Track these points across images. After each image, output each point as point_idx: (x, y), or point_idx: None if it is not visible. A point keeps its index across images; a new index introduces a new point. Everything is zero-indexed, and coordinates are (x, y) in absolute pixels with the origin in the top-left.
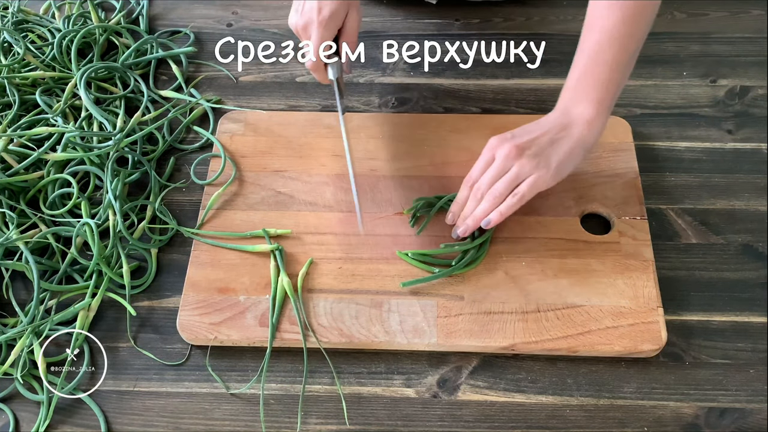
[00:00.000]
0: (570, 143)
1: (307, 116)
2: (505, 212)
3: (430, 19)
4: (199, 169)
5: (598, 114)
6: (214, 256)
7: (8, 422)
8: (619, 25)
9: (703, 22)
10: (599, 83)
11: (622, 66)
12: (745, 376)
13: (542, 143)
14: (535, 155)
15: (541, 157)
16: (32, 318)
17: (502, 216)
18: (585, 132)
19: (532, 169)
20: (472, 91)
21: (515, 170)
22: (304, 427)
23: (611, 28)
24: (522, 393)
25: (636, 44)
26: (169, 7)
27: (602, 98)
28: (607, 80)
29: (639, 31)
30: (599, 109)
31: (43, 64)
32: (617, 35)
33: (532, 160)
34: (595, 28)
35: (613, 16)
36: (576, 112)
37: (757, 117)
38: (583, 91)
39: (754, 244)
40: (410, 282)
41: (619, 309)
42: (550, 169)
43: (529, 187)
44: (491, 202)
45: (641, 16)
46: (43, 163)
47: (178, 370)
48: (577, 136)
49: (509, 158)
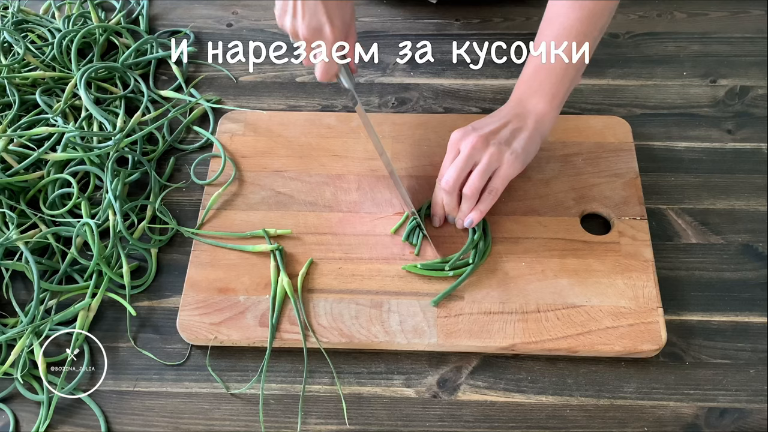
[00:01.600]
0: (528, 132)
1: (307, 116)
2: (485, 210)
3: (430, 19)
4: (199, 169)
5: (550, 108)
6: (214, 256)
7: (8, 422)
8: (577, 24)
9: (703, 22)
10: (554, 77)
11: (577, 64)
12: (745, 376)
13: (504, 132)
14: (499, 143)
15: (506, 145)
16: (32, 318)
17: (482, 214)
18: (540, 124)
19: (499, 157)
20: (472, 91)
21: (485, 160)
22: (304, 427)
23: (569, 26)
24: (522, 393)
25: (593, 43)
26: (169, 7)
27: (555, 93)
28: (562, 76)
29: (595, 31)
30: (552, 103)
31: (43, 64)
32: (575, 32)
33: (498, 149)
34: (554, 24)
35: (572, 14)
36: (530, 105)
37: (757, 117)
38: (538, 85)
39: (754, 244)
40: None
41: (619, 309)
42: (517, 155)
43: (502, 180)
44: (471, 199)
45: (599, 17)
46: (43, 163)
47: (178, 370)
48: (533, 126)
49: (476, 149)
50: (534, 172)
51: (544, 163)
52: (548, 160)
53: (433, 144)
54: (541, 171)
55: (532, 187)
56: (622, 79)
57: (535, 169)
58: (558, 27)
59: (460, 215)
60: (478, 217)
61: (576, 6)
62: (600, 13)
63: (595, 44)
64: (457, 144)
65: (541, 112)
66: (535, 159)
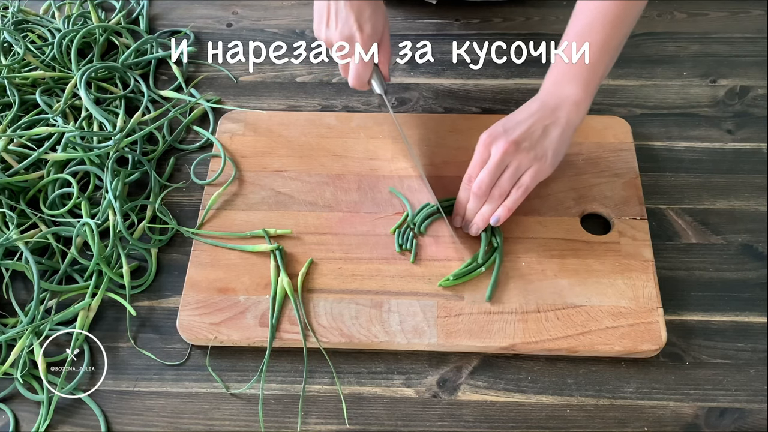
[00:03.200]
0: (560, 128)
1: (307, 116)
2: (512, 207)
3: (430, 19)
4: (199, 169)
5: (586, 95)
6: (214, 256)
7: (8, 422)
8: (613, 8)
9: (703, 22)
10: (590, 65)
11: (612, 50)
12: (745, 376)
13: (535, 133)
14: (531, 147)
15: (537, 148)
16: (32, 318)
17: (510, 211)
18: (573, 114)
19: (530, 161)
20: (472, 91)
21: (515, 165)
22: (304, 427)
23: (605, 10)
24: (522, 393)
25: (627, 29)
26: (169, 7)
27: (590, 79)
28: (597, 62)
29: (631, 16)
30: (587, 90)
31: (43, 64)
32: (610, 17)
33: (529, 153)
34: (588, 9)
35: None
36: (564, 93)
37: (757, 117)
38: (572, 72)
39: (754, 244)
40: (490, 292)
41: (619, 309)
42: (547, 158)
43: (532, 179)
44: (497, 200)
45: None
46: (43, 163)
47: (178, 370)
48: (566, 119)
49: (507, 154)
50: (564, 149)
51: None
52: None
53: (432, 144)
54: None
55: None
56: (622, 79)
57: None
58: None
59: (478, 218)
60: (506, 214)
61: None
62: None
63: (629, 30)
64: (488, 147)
65: (577, 99)
66: None
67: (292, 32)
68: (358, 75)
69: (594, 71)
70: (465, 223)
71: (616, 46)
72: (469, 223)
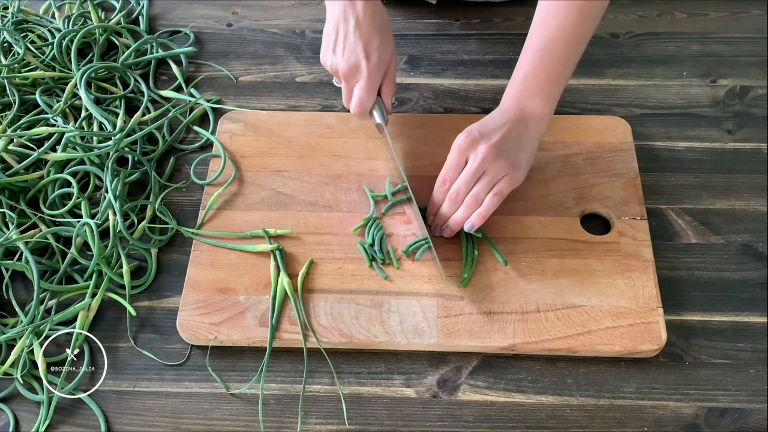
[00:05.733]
0: (530, 139)
1: (307, 116)
2: (487, 214)
3: (430, 19)
4: (199, 169)
5: (550, 109)
6: (214, 256)
7: (8, 422)
8: (575, 25)
9: (703, 22)
10: (553, 79)
11: (572, 63)
12: (745, 376)
13: (511, 141)
14: (509, 156)
15: (513, 158)
16: (32, 318)
17: (484, 218)
18: (540, 128)
19: (506, 169)
20: (472, 91)
21: (492, 172)
22: (304, 427)
23: (567, 26)
24: (522, 393)
25: (586, 42)
26: (169, 7)
27: (554, 94)
28: (559, 76)
29: (590, 30)
30: (551, 104)
31: (43, 64)
32: (572, 34)
33: (507, 161)
34: (551, 25)
35: (570, 15)
36: (531, 107)
37: (757, 117)
38: (537, 87)
39: (754, 244)
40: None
41: (619, 309)
42: (521, 167)
43: (508, 186)
44: (471, 206)
45: (594, 17)
46: (43, 163)
47: (178, 370)
48: (534, 132)
49: (486, 161)
50: (534, 172)
51: (544, 163)
52: (548, 160)
53: (432, 144)
54: (541, 171)
55: (532, 187)
56: (622, 79)
57: (535, 169)
58: (554, 27)
59: (451, 222)
60: (480, 221)
61: (573, 6)
62: (596, 12)
63: (587, 42)
64: (464, 152)
65: (541, 114)
66: (536, 159)
67: (292, 32)
68: (360, 103)
69: (557, 85)
70: (436, 225)
71: (577, 59)
72: (441, 226)
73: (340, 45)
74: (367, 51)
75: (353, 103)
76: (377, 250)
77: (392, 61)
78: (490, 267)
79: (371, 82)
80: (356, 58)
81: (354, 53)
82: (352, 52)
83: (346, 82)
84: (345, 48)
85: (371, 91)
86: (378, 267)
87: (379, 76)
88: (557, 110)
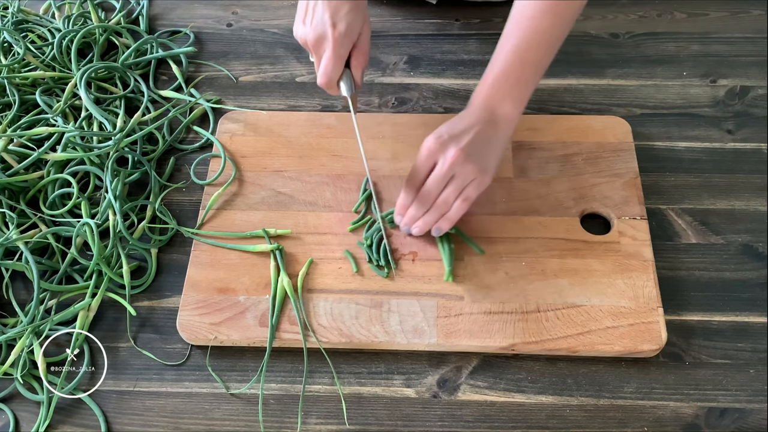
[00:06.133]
0: (498, 141)
1: (307, 116)
2: (455, 219)
3: (430, 19)
4: (199, 169)
5: (518, 112)
6: (214, 256)
7: (8, 422)
8: (550, 29)
9: (703, 22)
10: (523, 82)
11: (543, 66)
12: (745, 376)
13: (479, 144)
14: (478, 160)
15: (482, 161)
16: (32, 318)
17: (452, 223)
18: (508, 130)
19: (475, 173)
20: (472, 91)
21: (462, 176)
22: (304, 427)
23: (542, 30)
24: (522, 393)
25: (558, 46)
26: (169, 7)
27: (524, 97)
28: (530, 80)
29: (564, 34)
30: (520, 108)
31: (43, 64)
32: (547, 37)
33: (476, 165)
34: (525, 27)
35: (545, 18)
36: (501, 110)
37: (757, 117)
38: (508, 89)
39: (754, 244)
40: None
41: (619, 309)
42: (490, 170)
43: (476, 191)
44: (441, 209)
45: (569, 20)
46: (43, 163)
47: (178, 370)
48: (503, 135)
49: (455, 165)
50: (534, 172)
51: (544, 163)
52: (548, 160)
53: None
54: (541, 171)
55: (532, 187)
56: (622, 79)
57: (535, 169)
58: (529, 30)
59: (420, 223)
60: (448, 226)
61: (548, 8)
62: (570, 16)
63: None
64: (434, 155)
65: (511, 117)
66: (536, 159)
67: (292, 32)
68: (326, 72)
69: (527, 89)
70: (405, 224)
71: (548, 63)
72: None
73: (309, 15)
74: (334, 19)
75: (319, 74)
76: (373, 251)
77: (364, 33)
78: (490, 267)
79: (336, 51)
80: (323, 26)
81: (321, 22)
82: (320, 21)
83: (314, 52)
84: (314, 17)
85: (337, 61)
86: (375, 268)
87: (347, 45)
88: (557, 110)
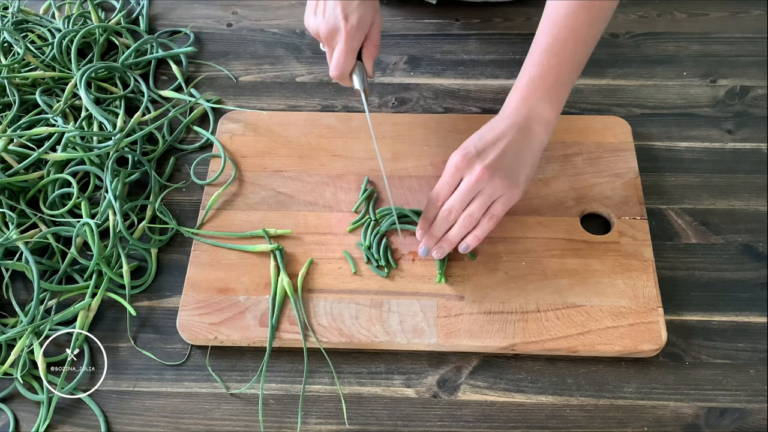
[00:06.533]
0: (532, 150)
1: (307, 116)
2: (482, 236)
3: (430, 19)
4: (199, 169)
5: (556, 114)
6: (214, 256)
7: (8, 422)
8: (587, 25)
9: (703, 22)
10: (561, 82)
11: (580, 65)
12: (745, 376)
13: (508, 157)
14: (506, 175)
15: (511, 176)
16: (32, 318)
17: (479, 240)
18: (545, 135)
19: (503, 189)
20: (472, 91)
21: (488, 192)
22: (304, 427)
23: (578, 26)
24: (522, 393)
25: (594, 45)
26: (169, 7)
27: (562, 98)
28: (567, 80)
29: (600, 32)
30: (558, 108)
31: (43, 64)
32: (583, 34)
33: (504, 181)
34: (561, 25)
35: (581, 15)
36: (536, 112)
37: (757, 117)
38: (545, 90)
39: (754, 244)
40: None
41: (619, 309)
42: (520, 185)
43: (504, 207)
44: (466, 226)
45: (605, 18)
46: (43, 163)
47: (178, 370)
48: (539, 141)
49: (481, 181)
50: (534, 172)
51: (544, 163)
52: (548, 160)
53: (433, 144)
54: (541, 171)
55: (532, 187)
56: (622, 79)
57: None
58: (564, 28)
59: (444, 242)
60: (475, 243)
61: (583, 7)
62: (605, 14)
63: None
64: (459, 171)
65: (549, 119)
66: None
67: (292, 32)
68: (339, 65)
69: (565, 89)
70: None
71: (584, 63)
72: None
73: (321, 7)
74: (345, 12)
75: (332, 66)
76: (373, 252)
77: (375, 24)
78: (490, 267)
79: (349, 44)
80: (335, 19)
81: (333, 14)
82: (332, 14)
83: (327, 44)
84: (325, 9)
85: (350, 54)
86: (374, 268)
87: (359, 38)
88: None
